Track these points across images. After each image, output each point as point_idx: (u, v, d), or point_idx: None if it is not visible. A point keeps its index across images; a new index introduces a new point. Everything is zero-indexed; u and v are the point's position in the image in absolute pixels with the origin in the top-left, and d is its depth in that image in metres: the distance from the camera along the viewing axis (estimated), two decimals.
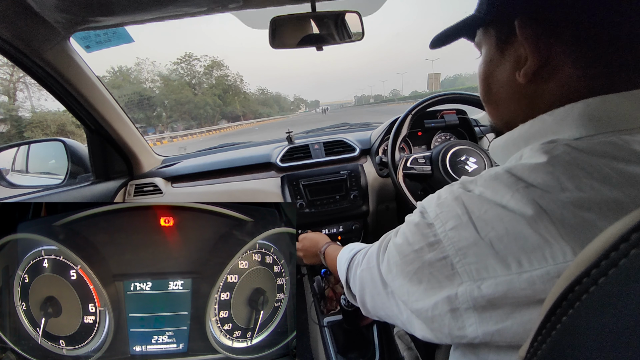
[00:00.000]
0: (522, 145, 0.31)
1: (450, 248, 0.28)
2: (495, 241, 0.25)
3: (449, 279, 0.28)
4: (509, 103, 0.34)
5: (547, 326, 0.18)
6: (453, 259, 0.27)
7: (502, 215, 0.25)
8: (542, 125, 0.30)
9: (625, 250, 0.15)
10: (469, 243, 0.27)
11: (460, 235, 0.27)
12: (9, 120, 15.06)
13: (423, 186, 0.92)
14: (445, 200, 0.30)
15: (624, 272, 0.15)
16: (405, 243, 0.32)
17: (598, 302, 0.16)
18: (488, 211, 0.26)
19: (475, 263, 0.26)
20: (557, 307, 0.17)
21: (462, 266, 0.27)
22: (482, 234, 0.26)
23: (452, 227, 0.28)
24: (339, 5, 0.75)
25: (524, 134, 0.31)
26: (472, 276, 0.26)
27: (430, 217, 0.31)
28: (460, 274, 0.27)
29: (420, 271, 0.30)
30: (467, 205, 0.28)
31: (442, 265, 0.28)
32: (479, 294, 0.25)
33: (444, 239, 0.28)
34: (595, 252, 0.16)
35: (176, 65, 39.33)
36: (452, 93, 0.90)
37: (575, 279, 0.17)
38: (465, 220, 0.27)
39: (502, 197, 0.26)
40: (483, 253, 0.26)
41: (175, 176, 1.09)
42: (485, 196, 0.27)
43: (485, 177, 0.29)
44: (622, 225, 0.16)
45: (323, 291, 1.05)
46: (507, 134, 0.33)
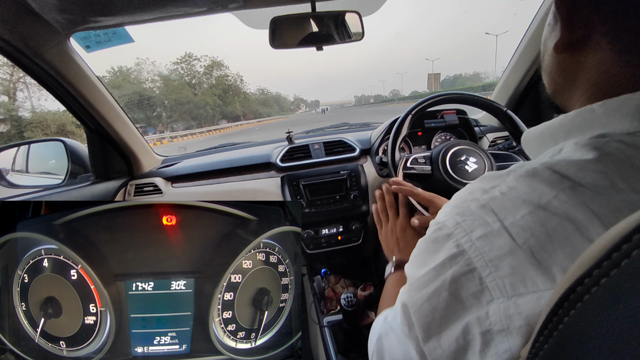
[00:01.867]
0: (562, 137, 0.28)
1: (478, 259, 0.23)
2: (537, 249, 0.22)
3: (475, 297, 0.23)
4: (553, 72, 0.31)
5: (549, 326, 0.18)
6: (482, 272, 0.23)
7: (544, 218, 0.22)
8: (589, 116, 0.26)
9: (626, 251, 0.15)
10: (503, 253, 0.23)
11: (491, 244, 0.23)
12: (9, 120, 15.04)
13: (423, 186, 0.91)
14: (467, 209, 0.26)
15: (626, 273, 0.15)
16: (418, 264, 0.28)
17: (600, 303, 0.16)
18: (525, 215, 0.23)
19: (510, 276, 0.22)
20: (559, 308, 0.17)
21: (493, 280, 0.23)
22: (519, 241, 0.22)
23: (480, 236, 0.24)
24: (339, 5, 0.75)
25: (567, 124, 0.28)
26: (506, 292, 0.22)
27: (449, 227, 0.26)
28: (490, 289, 0.23)
29: (437, 294, 0.25)
30: (498, 211, 0.24)
31: (467, 280, 0.24)
32: (515, 311, 0.21)
33: (470, 249, 0.24)
34: (597, 253, 0.16)
35: (176, 65, 39.34)
36: (452, 93, 0.90)
37: (577, 279, 0.17)
38: (497, 228, 0.23)
39: (541, 197, 0.23)
40: (521, 264, 0.22)
41: (175, 176, 1.09)
42: (519, 195, 0.24)
43: (520, 172, 0.25)
44: (623, 226, 0.16)
45: (323, 291, 1.05)
46: (544, 123, 0.30)
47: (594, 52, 0.27)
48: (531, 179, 0.24)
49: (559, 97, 0.32)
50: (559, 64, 0.30)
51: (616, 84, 0.26)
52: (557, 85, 0.32)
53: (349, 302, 0.83)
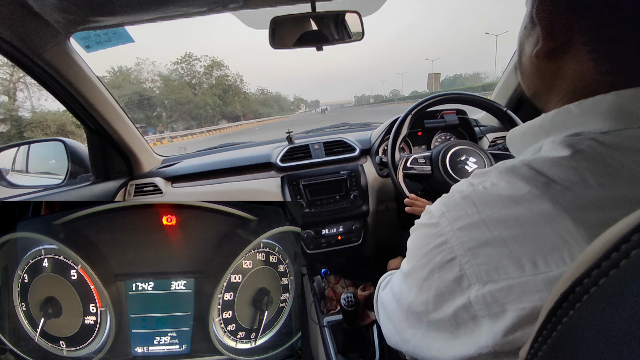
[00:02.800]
0: (542, 136, 0.30)
1: (458, 248, 0.26)
2: (510, 241, 0.24)
3: (456, 282, 0.26)
4: (532, 76, 0.32)
5: (548, 327, 0.18)
6: (461, 259, 0.26)
7: (517, 213, 0.24)
8: (566, 116, 0.28)
9: (625, 251, 0.15)
10: (480, 243, 0.25)
11: (470, 234, 0.26)
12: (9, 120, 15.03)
13: (423, 186, 0.92)
14: (452, 199, 0.29)
15: (625, 273, 0.15)
16: (416, 247, 0.31)
17: (599, 303, 0.16)
18: (501, 209, 0.25)
19: (486, 264, 0.24)
20: (558, 308, 0.17)
21: (471, 267, 0.25)
22: (494, 233, 0.24)
23: (460, 227, 0.26)
24: (339, 5, 0.75)
25: (546, 123, 0.30)
26: (481, 278, 0.25)
27: (435, 215, 0.29)
28: (468, 275, 0.25)
29: (430, 276, 0.28)
30: (477, 203, 0.26)
31: (450, 267, 0.27)
32: (491, 300, 0.24)
33: (452, 239, 0.27)
34: (596, 253, 0.16)
35: (176, 65, 39.30)
36: (452, 93, 0.90)
37: (576, 279, 0.17)
38: (476, 220, 0.26)
39: (517, 192, 0.25)
40: (495, 253, 0.24)
41: (175, 176, 1.09)
42: (498, 191, 0.26)
43: (501, 168, 0.27)
44: (622, 226, 0.16)
45: (323, 291, 1.05)
46: (527, 123, 0.32)
47: (573, 60, 0.28)
48: (510, 175, 0.26)
49: (538, 100, 0.34)
50: (538, 69, 0.31)
51: (594, 91, 0.27)
52: (536, 89, 0.33)
53: (349, 302, 0.83)
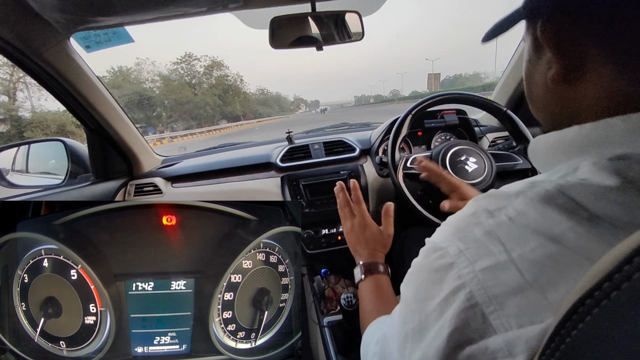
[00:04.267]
0: (575, 154, 0.25)
1: (480, 294, 0.21)
2: (548, 288, 0.20)
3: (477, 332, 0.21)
4: (550, 106, 0.29)
5: (556, 339, 0.17)
6: (485, 308, 0.21)
7: (557, 253, 0.20)
8: (608, 132, 0.23)
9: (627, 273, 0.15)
10: (510, 289, 0.20)
11: (496, 278, 0.21)
12: (9, 120, 15.04)
13: (423, 186, 0.92)
14: (470, 234, 0.24)
15: (626, 295, 0.15)
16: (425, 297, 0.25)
17: (610, 316, 0.15)
18: (536, 249, 0.21)
19: (517, 316, 0.20)
20: (567, 321, 0.17)
21: (497, 318, 0.21)
22: (528, 278, 0.20)
23: (484, 268, 0.22)
24: (339, 5, 0.75)
25: (582, 139, 0.24)
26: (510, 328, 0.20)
27: (451, 254, 0.24)
28: (495, 327, 0.21)
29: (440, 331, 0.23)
30: (505, 240, 0.22)
31: (468, 318, 0.22)
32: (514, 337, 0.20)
33: (472, 282, 0.22)
34: (608, 265, 0.16)
35: (176, 65, 39.35)
36: (452, 93, 0.90)
37: (587, 292, 0.16)
38: (504, 260, 0.21)
39: (554, 228, 0.20)
40: (530, 303, 0.20)
41: (175, 176, 1.09)
42: (529, 223, 0.22)
43: (531, 195, 0.23)
44: (624, 247, 0.15)
45: (323, 291, 1.05)
46: (555, 133, 0.27)
47: (593, 76, 0.24)
48: (543, 205, 0.22)
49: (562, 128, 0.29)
50: (557, 96, 0.28)
51: (624, 103, 0.23)
52: (556, 118, 0.29)
53: (349, 302, 0.83)
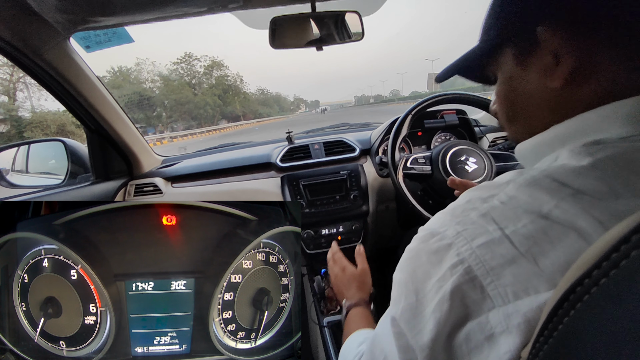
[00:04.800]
0: (558, 146, 0.28)
1: (478, 267, 0.23)
2: (540, 257, 0.22)
3: (476, 304, 0.23)
4: (542, 112, 0.30)
5: (549, 327, 0.18)
6: (483, 280, 0.23)
7: (546, 227, 0.22)
8: (583, 124, 0.26)
9: (625, 252, 0.15)
10: (505, 261, 0.22)
11: (493, 252, 0.23)
12: (9, 120, 15.04)
13: (423, 186, 0.92)
14: (467, 218, 0.26)
15: (625, 274, 0.15)
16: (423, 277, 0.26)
17: (599, 303, 0.16)
18: (528, 224, 0.23)
19: (512, 285, 0.22)
20: (559, 308, 0.17)
21: (495, 288, 0.22)
22: (521, 249, 0.22)
23: (480, 244, 0.24)
24: (339, 5, 0.75)
25: (561, 134, 0.28)
26: (508, 299, 0.22)
27: (449, 236, 0.26)
28: (492, 297, 0.22)
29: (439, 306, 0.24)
30: (498, 219, 0.24)
31: (468, 289, 0.23)
32: (513, 310, 0.21)
33: (470, 257, 0.24)
34: (597, 254, 0.16)
35: (176, 66, 39.34)
36: (452, 93, 0.90)
37: (577, 280, 0.17)
38: (499, 236, 0.23)
39: (543, 206, 0.23)
40: (523, 271, 0.22)
41: (175, 176, 1.09)
42: (520, 205, 0.24)
43: (520, 181, 0.25)
44: (622, 227, 0.16)
45: (323, 291, 1.05)
46: (537, 135, 0.30)
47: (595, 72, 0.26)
48: (531, 188, 0.24)
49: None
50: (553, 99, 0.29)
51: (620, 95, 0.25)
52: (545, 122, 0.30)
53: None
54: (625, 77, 0.25)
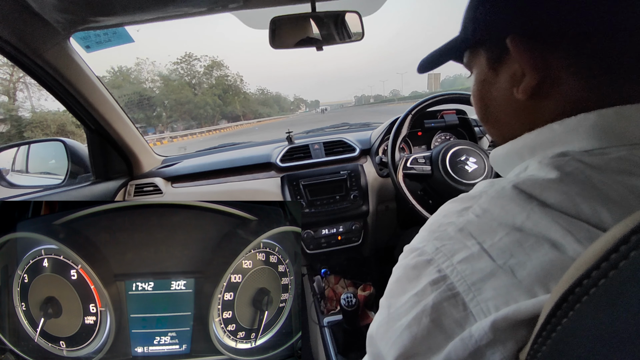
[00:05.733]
0: (527, 155, 0.29)
1: (460, 283, 0.23)
2: (517, 268, 0.22)
3: (458, 323, 0.22)
4: (510, 120, 0.31)
5: (547, 328, 0.18)
6: (465, 296, 0.22)
7: (521, 239, 0.23)
8: (550, 135, 0.27)
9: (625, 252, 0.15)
10: (485, 275, 0.22)
11: (473, 267, 0.23)
12: (9, 120, 15.03)
13: (423, 186, 0.92)
14: (444, 233, 0.26)
15: (624, 275, 0.15)
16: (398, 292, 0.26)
17: (598, 304, 0.16)
18: (503, 237, 0.23)
19: (494, 298, 0.22)
20: (558, 309, 0.17)
21: (477, 304, 0.22)
22: (499, 262, 0.22)
23: (461, 260, 0.24)
24: (339, 5, 0.75)
25: (530, 142, 0.29)
26: (489, 313, 0.22)
27: (428, 252, 0.26)
28: (475, 314, 0.22)
29: (418, 320, 0.23)
30: (476, 234, 0.24)
31: (450, 306, 0.23)
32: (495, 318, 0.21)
33: (452, 274, 0.23)
34: (595, 254, 0.16)
35: (176, 65, 39.32)
36: (452, 93, 0.90)
37: (576, 281, 0.17)
38: (477, 250, 0.23)
39: (515, 219, 0.23)
40: (503, 284, 0.22)
41: (175, 176, 1.09)
42: (494, 218, 0.24)
43: (491, 193, 0.26)
44: (622, 228, 0.16)
45: (323, 291, 1.05)
46: (509, 143, 0.31)
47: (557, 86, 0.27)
48: (502, 200, 0.25)
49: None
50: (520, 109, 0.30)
51: (583, 108, 0.26)
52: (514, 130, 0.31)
53: (349, 302, 0.83)
54: (587, 93, 0.26)
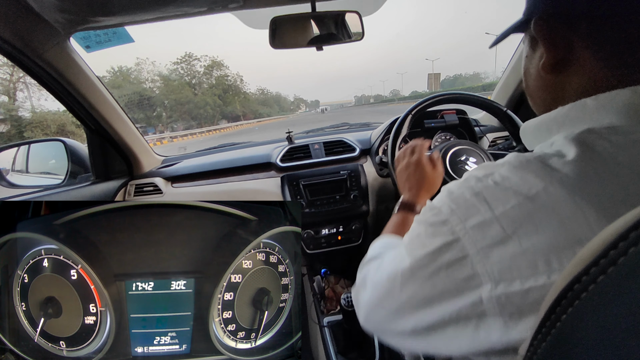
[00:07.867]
0: (555, 130, 0.30)
1: (471, 247, 0.25)
2: (524, 238, 0.23)
3: (466, 280, 0.25)
4: (540, 94, 0.34)
5: (547, 324, 0.18)
6: (474, 258, 0.25)
7: (532, 211, 0.24)
8: (581, 110, 0.28)
9: (624, 249, 0.15)
10: (494, 242, 0.24)
11: (484, 233, 0.25)
12: (9, 120, 15.03)
13: None
14: (461, 196, 0.28)
15: (623, 270, 0.15)
16: (418, 244, 0.30)
17: (597, 300, 0.16)
18: (515, 206, 0.24)
19: (499, 263, 0.24)
20: (557, 306, 0.17)
21: (483, 267, 0.24)
22: (508, 231, 0.24)
23: (473, 225, 0.26)
24: (339, 5, 0.75)
25: (560, 117, 0.30)
26: (494, 277, 0.24)
27: (444, 213, 0.28)
28: (480, 274, 0.25)
29: (435, 275, 0.27)
30: (490, 200, 0.26)
31: (461, 266, 0.26)
32: (506, 301, 0.23)
33: (464, 237, 0.26)
34: (595, 250, 0.16)
35: (176, 65, 39.34)
36: (452, 93, 0.90)
37: (575, 277, 0.17)
38: (489, 217, 0.25)
39: (531, 189, 0.24)
40: (509, 253, 0.24)
41: (176, 176, 1.09)
42: (510, 186, 0.25)
43: (514, 162, 0.27)
44: (621, 224, 0.16)
45: (323, 291, 1.05)
46: (542, 115, 0.32)
47: (579, 65, 0.28)
48: (523, 170, 0.26)
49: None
50: (546, 83, 0.32)
51: (601, 86, 0.27)
52: (546, 104, 0.33)
53: (349, 302, 0.83)
54: (608, 72, 0.27)
